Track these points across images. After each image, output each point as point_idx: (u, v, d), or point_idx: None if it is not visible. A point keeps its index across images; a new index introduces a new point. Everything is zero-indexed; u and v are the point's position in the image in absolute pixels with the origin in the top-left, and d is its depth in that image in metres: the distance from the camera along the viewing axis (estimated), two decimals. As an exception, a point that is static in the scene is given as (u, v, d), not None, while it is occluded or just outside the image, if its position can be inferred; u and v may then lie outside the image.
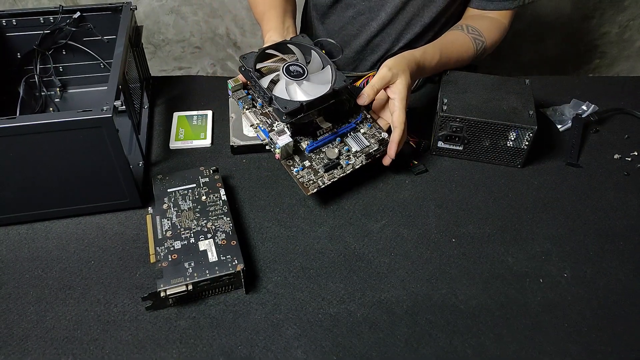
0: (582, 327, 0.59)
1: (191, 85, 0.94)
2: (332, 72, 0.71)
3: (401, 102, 0.71)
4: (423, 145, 0.79)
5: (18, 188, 0.63)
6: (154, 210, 0.66)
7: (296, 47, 0.74)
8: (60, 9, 0.80)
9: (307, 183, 0.68)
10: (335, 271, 0.64)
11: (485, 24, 0.88)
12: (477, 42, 0.85)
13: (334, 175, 0.69)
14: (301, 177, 0.68)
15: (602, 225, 0.71)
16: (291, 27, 0.84)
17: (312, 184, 0.68)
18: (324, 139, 0.71)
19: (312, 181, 0.68)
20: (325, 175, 0.69)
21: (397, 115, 0.71)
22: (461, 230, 0.69)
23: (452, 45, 0.83)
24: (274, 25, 0.82)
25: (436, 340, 0.57)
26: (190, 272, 0.58)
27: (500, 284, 0.63)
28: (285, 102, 0.66)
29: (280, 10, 0.85)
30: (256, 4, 0.89)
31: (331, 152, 0.70)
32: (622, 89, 0.95)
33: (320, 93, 0.68)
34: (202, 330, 0.57)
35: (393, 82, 0.72)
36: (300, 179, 0.68)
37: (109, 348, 0.55)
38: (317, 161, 0.70)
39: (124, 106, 0.65)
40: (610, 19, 1.64)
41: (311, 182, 0.68)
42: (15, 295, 0.60)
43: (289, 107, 0.65)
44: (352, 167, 0.70)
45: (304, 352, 0.56)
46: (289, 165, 0.69)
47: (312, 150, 0.70)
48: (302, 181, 0.68)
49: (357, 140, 0.73)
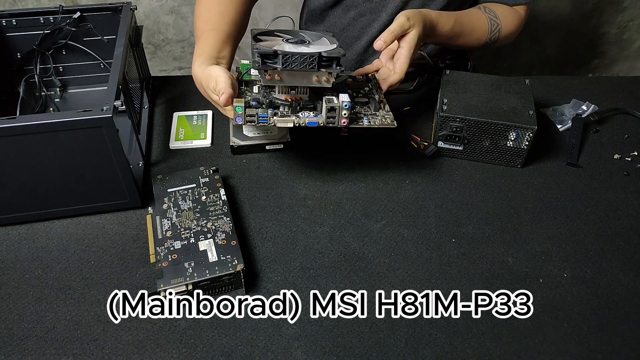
0: (582, 327, 0.59)
1: (191, 85, 0.93)
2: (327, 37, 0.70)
3: (409, 52, 0.72)
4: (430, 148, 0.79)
5: (18, 188, 0.63)
6: (154, 210, 0.66)
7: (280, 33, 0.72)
8: (60, 9, 0.80)
9: (385, 119, 0.68)
10: (335, 271, 0.64)
11: (504, 11, 0.88)
12: (492, 22, 0.85)
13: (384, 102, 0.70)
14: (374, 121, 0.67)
15: (602, 225, 0.71)
16: (227, 57, 0.72)
17: (385, 119, 0.68)
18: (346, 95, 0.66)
19: (384, 116, 0.68)
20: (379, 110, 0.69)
21: (400, 63, 0.72)
22: (461, 230, 0.69)
23: (467, 17, 0.83)
24: (207, 51, 0.69)
25: (436, 340, 0.57)
26: (190, 272, 0.58)
27: (500, 284, 0.63)
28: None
29: (221, 36, 0.73)
30: (197, 17, 0.77)
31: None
32: (622, 89, 0.95)
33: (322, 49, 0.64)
34: (202, 330, 0.57)
35: (408, 32, 0.72)
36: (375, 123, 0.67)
37: (109, 348, 0.55)
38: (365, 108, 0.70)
39: (124, 106, 0.64)
40: (609, 19, 1.64)
41: (384, 118, 0.68)
42: (15, 295, 0.60)
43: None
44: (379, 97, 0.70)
45: (304, 352, 0.56)
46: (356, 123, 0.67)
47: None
48: (379, 123, 0.67)
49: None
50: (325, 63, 0.63)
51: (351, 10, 0.95)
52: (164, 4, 1.51)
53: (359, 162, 0.78)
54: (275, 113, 0.65)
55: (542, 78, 0.99)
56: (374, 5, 0.92)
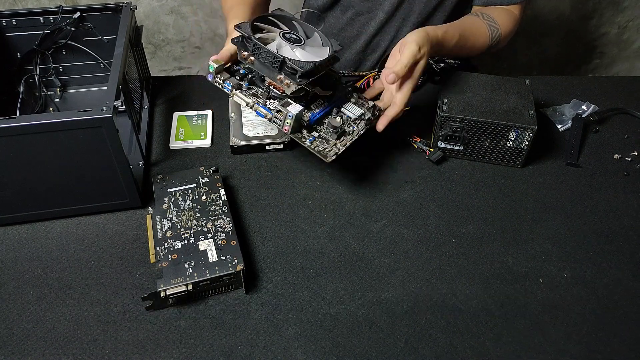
0: (582, 327, 0.59)
1: (191, 85, 0.94)
2: (321, 38, 0.71)
3: (413, 85, 0.72)
4: (424, 145, 0.79)
5: (18, 188, 0.63)
6: (154, 210, 0.66)
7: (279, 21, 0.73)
8: (60, 9, 0.80)
9: (324, 151, 0.67)
10: (335, 271, 0.64)
11: (500, 14, 0.88)
12: (492, 29, 0.85)
13: (345, 141, 0.69)
14: (316, 147, 0.67)
15: (602, 225, 0.71)
16: (259, 12, 0.85)
17: (328, 151, 0.67)
18: (322, 111, 0.70)
19: (327, 149, 0.67)
20: (337, 142, 0.68)
21: (402, 96, 0.72)
22: (461, 230, 0.69)
23: (469, 29, 0.83)
24: (240, 15, 0.81)
25: (436, 340, 0.57)
26: (190, 272, 0.58)
27: (500, 284, 0.63)
28: (301, 62, 0.64)
29: (248, 7, 0.85)
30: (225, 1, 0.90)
31: (334, 121, 0.69)
32: (622, 89, 0.95)
33: (323, 56, 0.67)
34: (202, 330, 0.57)
35: (417, 63, 0.72)
36: (316, 149, 0.67)
37: (109, 348, 0.55)
38: (324, 131, 0.69)
39: (124, 106, 0.64)
40: (609, 20, 1.64)
41: (327, 150, 0.67)
42: (15, 295, 0.60)
43: (305, 67, 0.63)
44: (357, 132, 0.70)
45: (304, 352, 0.56)
46: (300, 137, 0.68)
47: (315, 122, 0.69)
48: (318, 150, 0.67)
49: (353, 109, 0.73)
50: (288, 70, 0.65)
51: (348, 10, 0.95)
52: (164, 4, 1.51)
53: (359, 162, 0.78)
54: (239, 87, 0.70)
55: (542, 78, 0.99)
56: (371, 4, 0.92)
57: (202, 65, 1.68)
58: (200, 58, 1.66)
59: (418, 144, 0.80)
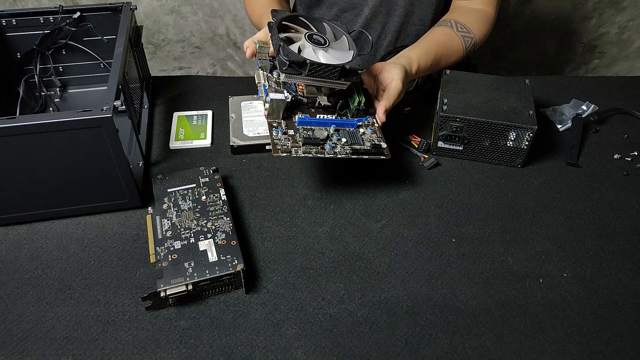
0: (582, 327, 0.59)
1: (191, 85, 0.94)
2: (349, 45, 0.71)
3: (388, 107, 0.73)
4: (425, 145, 0.79)
5: (18, 188, 0.63)
6: (154, 210, 0.66)
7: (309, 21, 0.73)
8: (60, 9, 0.80)
9: (280, 146, 0.65)
10: (335, 271, 0.64)
11: (472, 18, 0.88)
12: (466, 40, 0.85)
13: (310, 151, 0.65)
14: (277, 139, 0.66)
15: (602, 225, 0.71)
16: None
17: (284, 148, 0.65)
18: (320, 120, 0.69)
19: (285, 146, 0.65)
20: (301, 147, 0.65)
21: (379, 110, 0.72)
22: (461, 230, 0.69)
23: (442, 50, 0.83)
24: None
25: (436, 340, 0.57)
26: (190, 272, 0.58)
27: (500, 284, 0.63)
28: (291, 52, 0.64)
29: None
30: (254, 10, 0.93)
31: (320, 132, 0.67)
32: (622, 89, 0.95)
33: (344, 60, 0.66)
34: (202, 330, 0.57)
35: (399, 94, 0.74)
36: (275, 140, 0.65)
37: (109, 348, 0.55)
38: (303, 134, 0.67)
39: (124, 106, 0.64)
40: (609, 19, 1.65)
41: (284, 147, 0.65)
42: (15, 295, 0.60)
43: (291, 57, 0.63)
44: (333, 153, 0.66)
45: (304, 352, 0.56)
46: (272, 125, 0.67)
47: (302, 124, 0.68)
48: (275, 142, 0.65)
49: (353, 136, 0.69)
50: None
51: (334, 7, 0.95)
52: (164, 4, 1.51)
53: (359, 162, 0.78)
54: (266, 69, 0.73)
55: (542, 78, 0.99)
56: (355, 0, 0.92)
57: (202, 66, 1.68)
58: (200, 58, 1.66)
59: (414, 151, 0.80)
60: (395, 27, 0.96)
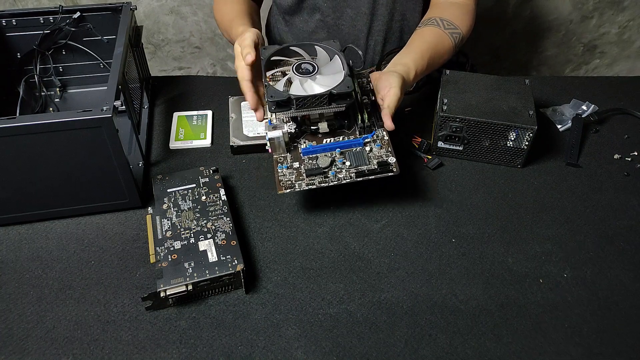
0: (582, 327, 0.59)
1: (191, 85, 0.94)
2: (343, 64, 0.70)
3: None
4: (425, 145, 0.79)
5: (18, 188, 0.63)
6: (154, 211, 0.66)
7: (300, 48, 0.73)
8: (60, 9, 0.80)
9: (284, 182, 0.65)
10: (335, 271, 0.64)
11: (456, 13, 0.87)
12: (454, 37, 0.85)
13: (314, 182, 0.65)
14: (282, 175, 0.66)
15: (602, 225, 0.71)
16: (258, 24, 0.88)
17: (288, 184, 0.65)
18: (325, 147, 0.68)
19: (290, 182, 0.65)
20: (305, 179, 0.65)
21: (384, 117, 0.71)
22: (461, 230, 0.69)
23: (436, 50, 0.82)
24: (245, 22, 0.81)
25: (436, 340, 0.57)
26: (190, 272, 0.58)
27: (500, 284, 0.63)
28: (275, 91, 0.65)
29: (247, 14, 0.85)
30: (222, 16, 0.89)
31: (324, 160, 0.67)
32: (622, 89, 0.95)
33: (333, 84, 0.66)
34: (202, 330, 0.57)
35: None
36: (279, 176, 0.65)
37: (109, 348, 0.55)
38: (308, 165, 0.66)
39: (124, 106, 0.65)
40: (609, 19, 1.64)
41: (288, 183, 0.65)
42: (15, 295, 0.60)
43: (275, 96, 0.64)
44: (337, 179, 0.65)
45: (304, 352, 0.56)
46: (277, 160, 0.67)
47: (307, 154, 0.68)
48: (280, 179, 0.65)
49: (358, 157, 0.67)
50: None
51: (315, 13, 0.94)
52: (164, 4, 1.51)
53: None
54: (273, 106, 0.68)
55: (542, 78, 0.99)
56: (336, 3, 0.91)
57: (202, 66, 1.68)
58: (200, 58, 1.66)
59: (417, 152, 0.80)
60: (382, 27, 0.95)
